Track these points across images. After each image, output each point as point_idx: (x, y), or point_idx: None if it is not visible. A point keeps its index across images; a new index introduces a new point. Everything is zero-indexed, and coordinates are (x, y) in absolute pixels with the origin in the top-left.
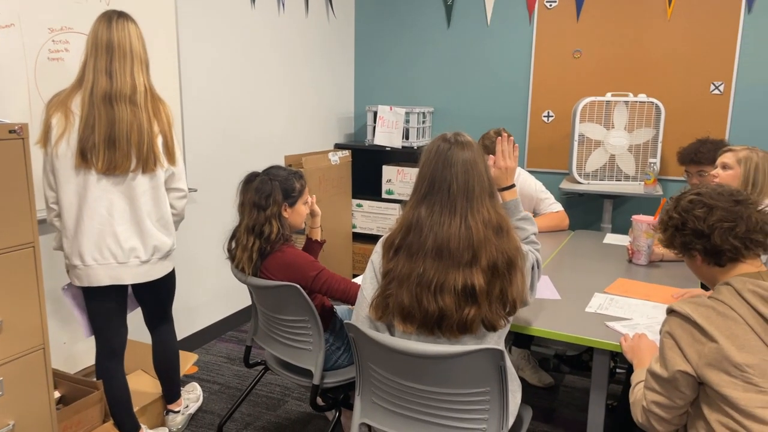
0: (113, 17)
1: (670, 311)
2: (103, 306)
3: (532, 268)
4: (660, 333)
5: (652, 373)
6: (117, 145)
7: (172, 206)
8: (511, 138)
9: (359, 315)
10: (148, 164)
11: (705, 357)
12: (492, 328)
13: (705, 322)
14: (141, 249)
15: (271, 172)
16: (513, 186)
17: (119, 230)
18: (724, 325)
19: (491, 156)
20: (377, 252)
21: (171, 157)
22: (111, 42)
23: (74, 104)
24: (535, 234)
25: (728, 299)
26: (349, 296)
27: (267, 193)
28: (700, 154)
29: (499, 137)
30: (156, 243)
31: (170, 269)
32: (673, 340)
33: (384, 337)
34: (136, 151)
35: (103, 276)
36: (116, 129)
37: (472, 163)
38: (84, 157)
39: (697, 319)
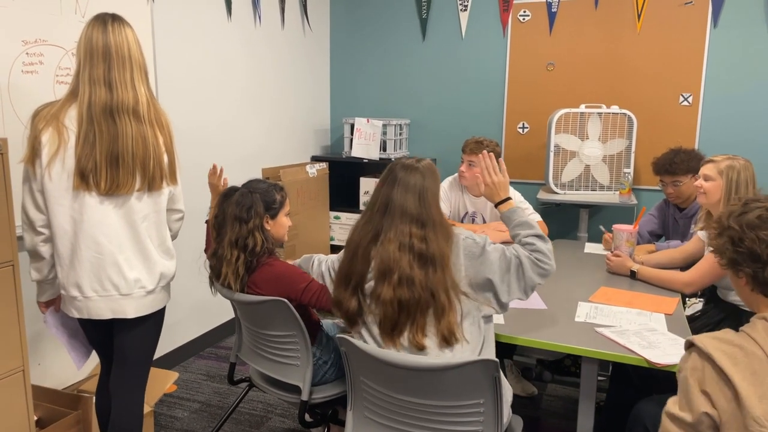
0: (108, 20)
1: (691, 345)
2: (101, 338)
3: (510, 269)
4: (679, 370)
5: (672, 417)
6: (121, 162)
7: (168, 228)
8: (491, 154)
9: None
10: (154, 182)
11: (729, 402)
12: (418, 347)
13: (727, 364)
14: (147, 278)
15: (250, 185)
16: (508, 199)
17: (121, 259)
18: (749, 369)
19: (477, 175)
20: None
21: (173, 176)
22: (108, 48)
23: (68, 118)
24: (532, 236)
25: (762, 338)
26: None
27: (248, 206)
28: (675, 164)
29: (480, 155)
30: (162, 270)
31: (167, 302)
32: (695, 380)
33: (377, 351)
34: (141, 168)
35: (104, 309)
36: (120, 145)
37: (408, 188)
38: (84, 179)
39: (718, 360)
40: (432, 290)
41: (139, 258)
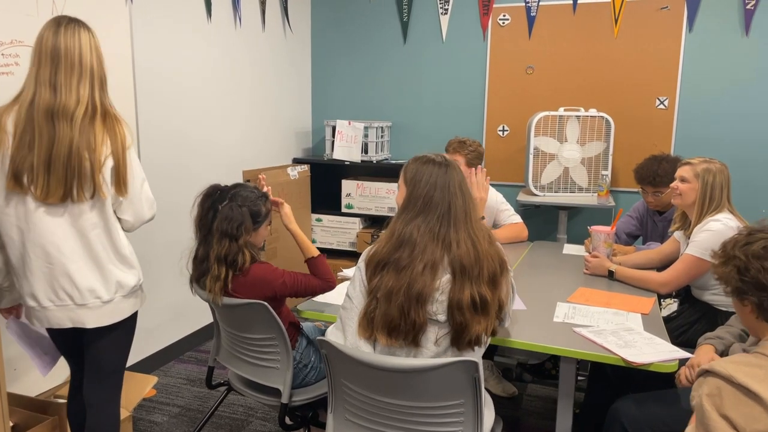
0: (62, 22)
1: (706, 372)
2: (68, 345)
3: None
4: (692, 398)
5: None
6: (52, 169)
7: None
8: (485, 170)
9: (349, 334)
10: (81, 193)
11: (756, 421)
12: (493, 334)
13: (752, 382)
14: (101, 288)
15: (239, 194)
16: (483, 218)
17: (73, 268)
18: None
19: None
20: (361, 269)
21: (121, 187)
22: (57, 50)
23: (9, 122)
24: None
25: None
26: (314, 289)
27: (238, 222)
28: (658, 177)
29: (473, 169)
30: (118, 279)
31: (136, 309)
32: (712, 405)
33: (359, 353)
34: (76, 177)
35: (63, 318)
36: (54, 151)
37: (465, 184)
38: (18, 181)
39: (741, 380)
40: (500, 259)
41: (91, 267)
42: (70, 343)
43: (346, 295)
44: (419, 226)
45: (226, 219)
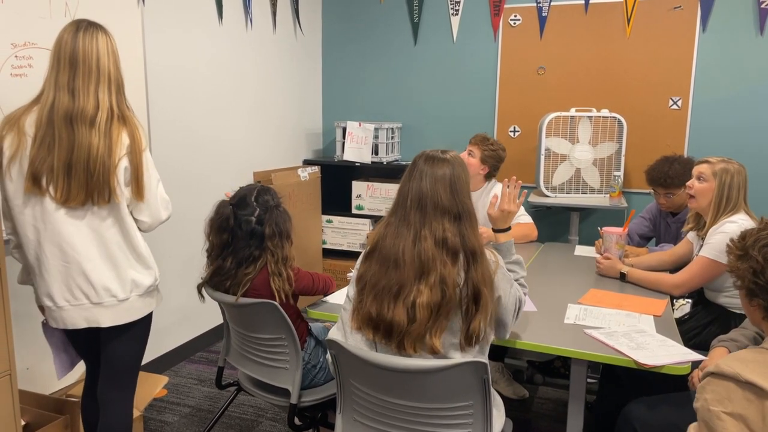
0: (82, 26)
1: (712, 374)
2: (84, 346)
3: (516, 310)
4: (697, 401)
5: None
6: (73, 173)
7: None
8: (519, 182)
9: (349, 335)
10: (101, 197)
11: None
12: (432, 351)
13: (759, 378)
14: (117, 287)
15: (265, 202)
16: (509, 229)
17: (88, 267)
18: None
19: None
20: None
21: (138, 191)
22: (75, 54)
23: (28, 123)
24: (524, 278)
25: None
26: (320, 285)
27: (284, 219)
28: (669, 178)
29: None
30: (134, 278)
31: (152, 309)
32: (723, 408)
33: (367, 353)
34: (92, 181)
35: (78, 318)
36: (74, 155)
37: (436, 179)
38: (37, 182)
39: (749, 377)
40: (474, 287)
41: (107, 266)
42: (86, 343)
43: (346, 296)
44: (391, 220)
45: (275, 224)
